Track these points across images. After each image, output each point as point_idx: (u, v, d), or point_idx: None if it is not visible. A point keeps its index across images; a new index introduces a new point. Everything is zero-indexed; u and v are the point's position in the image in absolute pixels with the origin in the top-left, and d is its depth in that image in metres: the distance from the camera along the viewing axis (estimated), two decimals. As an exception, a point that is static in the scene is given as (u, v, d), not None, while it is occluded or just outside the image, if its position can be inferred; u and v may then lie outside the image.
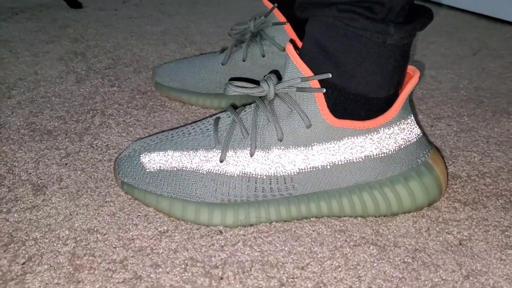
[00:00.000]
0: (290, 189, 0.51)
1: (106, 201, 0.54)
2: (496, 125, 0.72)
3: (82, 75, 0.86)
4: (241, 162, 0.52)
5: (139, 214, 0.52)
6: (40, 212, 0.52)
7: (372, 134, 0.51)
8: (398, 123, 0.52)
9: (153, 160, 0.54)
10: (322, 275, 0.44)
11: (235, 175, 0.51)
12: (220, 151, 0.52)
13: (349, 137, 0.51)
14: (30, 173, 0.59)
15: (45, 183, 0.57)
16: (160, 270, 0.45)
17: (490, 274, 0.45)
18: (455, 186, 0.58)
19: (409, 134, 0.52)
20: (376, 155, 0.51)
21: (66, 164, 0.60)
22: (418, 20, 0.50)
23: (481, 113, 0.75)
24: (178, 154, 0.54)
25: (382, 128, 0.51)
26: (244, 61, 0.74)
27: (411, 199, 0.52)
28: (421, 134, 0.54)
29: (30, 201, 0.54)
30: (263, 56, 0.73)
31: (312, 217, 0.52)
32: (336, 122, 0.50)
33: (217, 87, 0.75)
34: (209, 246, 0.48)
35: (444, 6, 1.31)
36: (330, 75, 0.49)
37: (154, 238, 0.49)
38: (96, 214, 0.52)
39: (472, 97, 0.81)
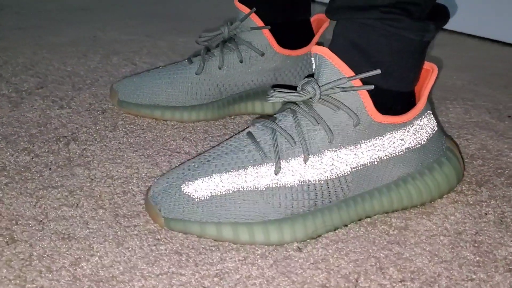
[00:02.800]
0: (345, 190, 0.51)
1: (158, 239, 0.48)
2: (448, 111, 0.79)
3: (14, 98, 0.74)
4: (297, 171, 0.50)
5: (203, 246, 0.47)
6: (91, 265, 0.44)
7: (408, 127, 0.53)
8: (425, 114, 0.55)
9: (200, 188, 0.50)
10: (422, 273, 0.45)
11: (296, 185, 0.50)
12: (271, 164, 0.50)
13: (391, 131, 0.52)
14: (41, 221, 0.49)
15: (69, 229, 0.48)
16: (273, 301, 0.42)
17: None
18: (459, 170, 0.63)
19: (433, 123, 0.56)
20: (413, 146, 0.54)
21: (77, 204, 0.52)
22: (444, 17, 0.54)
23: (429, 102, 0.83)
24: (226, 176, 0.50)
25: (415, 121, 0.54)
26: (220, 68, 0.70)
27: (446, 183, 0.56)
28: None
29: (68, 254, 0.45)
30: (241, 62, 0.70)
31: (366, 217, 0.53)
32: (380, 118, 0.51)
33: (193, 98, 0.70)
34: (300, 266, 0.46)
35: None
36: (379, 71, 0.50)
37: (240, 268, 0.45)
38: (159, 255, 0.46)
39: (410, 87, 0.88)
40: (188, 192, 0.50)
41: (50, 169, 0.58)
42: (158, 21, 1.14)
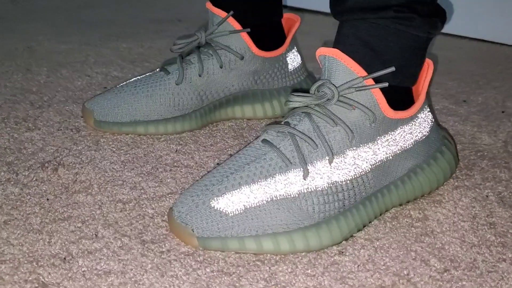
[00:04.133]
0: (367, 187, 0.53)
1: (200, 261, 0.45)
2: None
3: (-29, 124, 0.66)
4: (325, 174, 0.50)
5: (247, 262, 0.46)
6: (142, 299, 0.41)
7: (414, 120, 0.56)
8: (426, 107, 0.58)
9: (231, 202, 0.48)
10: (460, 260, 0.48)
11: (326, 187, 0.50)
12: (298, 169, 0.50)
13: (401, 126, 0.54)
14: (65, 258, 0.45)
15: (100, 264, 0.44)
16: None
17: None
18: (445, 157, 0.66)
19: (431, 115, 0.59)
20: (420, 138, 0.56)
21: (96, 235, 0.48)
22: (443, 14, 0.56)
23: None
24: (256, 186, 0.49)
25: (419, 114, 0.56)
26: (200, 75, 0.68)
27: (449, 170, 0.59)
28: None
29: (111, 291, 0.42)
30: (221, 67, 0.69)
31: (385, 211, 0.54)
32: (392, 113, 0.53)
33: (176, 110, 0.67)
34: (350, 269, 0.46)
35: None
36: (393, 69, 0.51)
37: (294, 280, 0.44)
38: (208, 279, 0.43)
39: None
40: (220, 208, 0.48)
41: (48, 199, 0.52)
42: (90, 28, 1.07)
